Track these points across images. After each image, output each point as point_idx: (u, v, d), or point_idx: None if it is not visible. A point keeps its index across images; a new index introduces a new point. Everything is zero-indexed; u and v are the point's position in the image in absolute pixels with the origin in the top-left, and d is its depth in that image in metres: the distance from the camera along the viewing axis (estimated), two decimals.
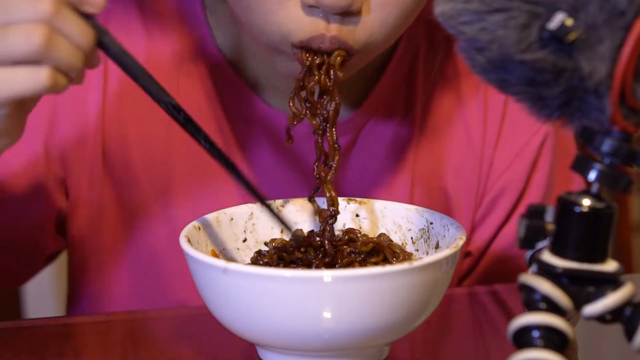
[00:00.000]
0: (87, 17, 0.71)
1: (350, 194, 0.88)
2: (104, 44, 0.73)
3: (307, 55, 0.81)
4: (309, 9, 0.80)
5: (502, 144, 0.99)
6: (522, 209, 0.99)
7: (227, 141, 0.96)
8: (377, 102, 0.97)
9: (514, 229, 0.99)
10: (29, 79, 0.69)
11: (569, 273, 0.60)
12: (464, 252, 1.00)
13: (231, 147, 0.96)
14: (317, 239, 0.81)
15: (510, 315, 0.61)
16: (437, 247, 0.80)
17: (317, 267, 0.80)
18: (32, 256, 1.00)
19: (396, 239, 0.84)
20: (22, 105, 0.74)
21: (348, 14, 0.80)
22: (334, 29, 0.80)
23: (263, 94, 0.96)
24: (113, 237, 0.97)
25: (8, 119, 0.72)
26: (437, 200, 0.98)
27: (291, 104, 0.83)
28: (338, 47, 0.81)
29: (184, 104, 0.77)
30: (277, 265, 0.80)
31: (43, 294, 1.74)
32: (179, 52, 0.97)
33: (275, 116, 0.96)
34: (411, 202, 0.89)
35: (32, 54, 0.68)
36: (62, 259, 1.06)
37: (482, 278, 1.01)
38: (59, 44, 0.69)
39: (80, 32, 0.70)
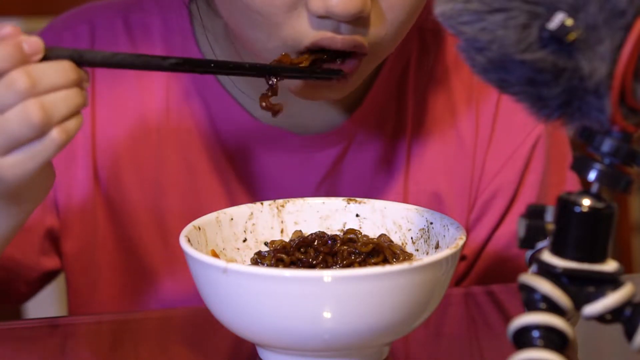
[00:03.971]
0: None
1: None
2: (89, 61, 0.74)
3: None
4: (318, 20, 0.79)
5: (494, 146, 0.99)
6: (515, 211, 0.99)
7: (220, 157, 0.96)
8: (369, 111, 0.97)
9: (508, 231, 0.99)
10: (44, 150, 0.71)
11: (569, 273, 0.60)
12: (460, 255, 1.01)
13: (225, 162, 0.96)
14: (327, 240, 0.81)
15: (508, 316, 0.61)
16: (437, 247, 0.80)
17: None
18: (25, 274, 0.99)
19: (396, 239, 0.84)
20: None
21: (358, 21, 0.79)
22: (345, 34, 0.79)
23: (252, 109, 0.96)
24: (107, 253, 0.97)
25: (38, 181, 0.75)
26: (431, 204, 0.98)
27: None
28: (352, 48, 0.80)
29: (173, 125, 0.78)
30: (277, 266, 0.80)
31: (43, 294, 1.73)
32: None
33: (265, 130, 0.96)
34: None
35: (38, 129, 0.70)
36: None
37: (477, 281, 1.01)
38: (54, 104, 0.70)
39: (61, 75, 0.71)
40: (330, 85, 0.84)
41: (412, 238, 0.83)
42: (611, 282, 0.60)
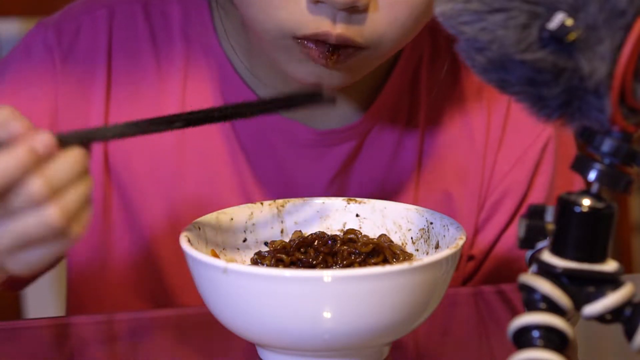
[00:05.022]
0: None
1: None
2: (99, 140, 0.71)
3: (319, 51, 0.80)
4: (315, 5, 0.79)
5: (505, 147, 0.99)
6: (524, 211, 0.99)
7: (236, 149, 0.96)
8: (382, 108, 0.97)
9: (516, 232, 0.99)
10: (61, 246, 0.67)
11: (569, 273, 0.60)
12: (468, 256, 1.01)
13: (241, 154, 0.96)
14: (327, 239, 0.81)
15: (514, 315, 0.61)
16: (437, 247, 0.80)
17: None
18: None
19: (396, 239, 0.84)
20: None
21: (355, 11, 0.79)
22: (339, 28, 0.80)
23: None
24: (119, 240, 0.97)
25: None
26: (441, 203, 0.98)
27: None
28: (344, 44, 0.80)
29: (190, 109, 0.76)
30: (277, 266, 0.80)
31: (43, 294, 1.74)
32: (186, 58, 0.97)
33: (282, 123, 0.96)
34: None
35: (58, 232, 0.66)
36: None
37: (485, 281, 1.01)
38: (72, 203, 0.67)
39: (75, 169, 0.67)
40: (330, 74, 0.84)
41: (412, 238, 0.83)
42: (611, 282, 0.60)
